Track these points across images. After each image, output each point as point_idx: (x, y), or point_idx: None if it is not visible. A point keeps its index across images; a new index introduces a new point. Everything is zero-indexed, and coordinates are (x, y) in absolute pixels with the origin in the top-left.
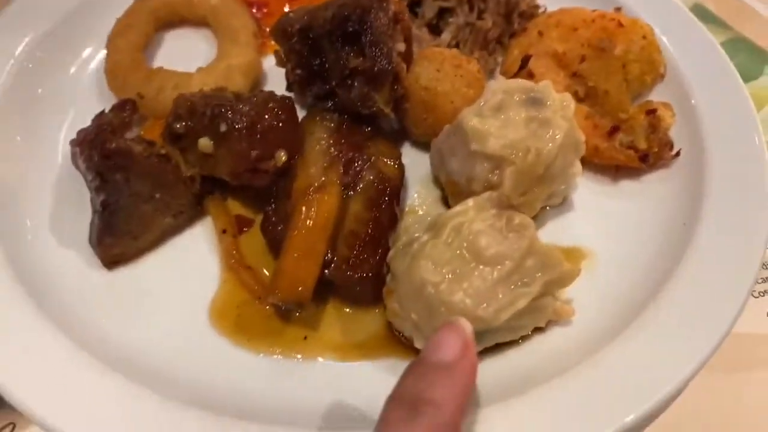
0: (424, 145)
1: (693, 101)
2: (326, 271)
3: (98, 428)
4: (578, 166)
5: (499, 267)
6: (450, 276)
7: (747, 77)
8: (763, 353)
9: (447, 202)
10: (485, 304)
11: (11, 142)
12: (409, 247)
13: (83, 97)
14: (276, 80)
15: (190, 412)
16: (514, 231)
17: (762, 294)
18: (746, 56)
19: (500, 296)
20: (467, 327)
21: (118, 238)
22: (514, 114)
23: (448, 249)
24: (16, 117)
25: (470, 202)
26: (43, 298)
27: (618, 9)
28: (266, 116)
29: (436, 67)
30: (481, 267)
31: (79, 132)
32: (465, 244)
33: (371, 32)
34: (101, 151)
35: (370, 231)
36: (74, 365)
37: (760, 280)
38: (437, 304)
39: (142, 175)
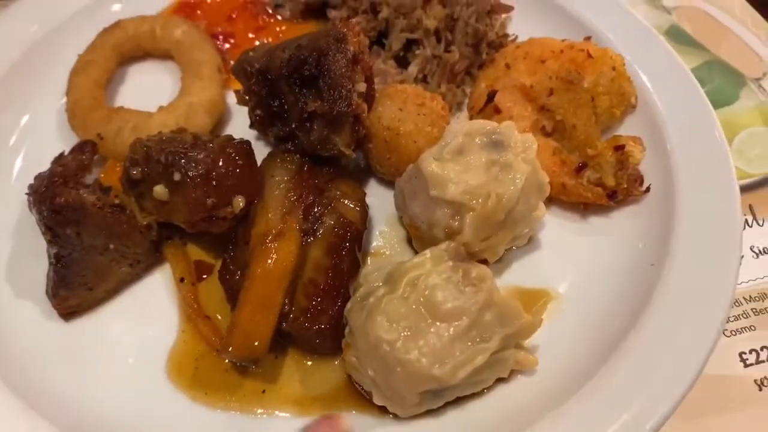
0: (389, 183)
1: (664, 133)
2: (284, 323)
3: None
4: (542, 208)
5: (456, 323)
6: (406, 333)
7: (722, 102)
8: (736, 395)
9: (410, 242)
10: (441, 363)
11: None
12: (365, 301)
13: (43, 134)
14: (241, 116)
15: None
16: (471, 284)
17: (734, 333)
18: (722, 80)
19: (457, 353)
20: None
21: (73, 290)
22: (474, 158)
23: (404, 304)
24: None
25: (428, 253)
26: None
27: (588, 38)
28: (222, 163)
29: (399, 106)
30: (437, 323)
31: (36, 178)
32: (421, 299)
33: (329, 75)
34: (51, 205)
35: (329, 280)
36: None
37: (731, 318)
38: (393, 362)
39: (95, 228)
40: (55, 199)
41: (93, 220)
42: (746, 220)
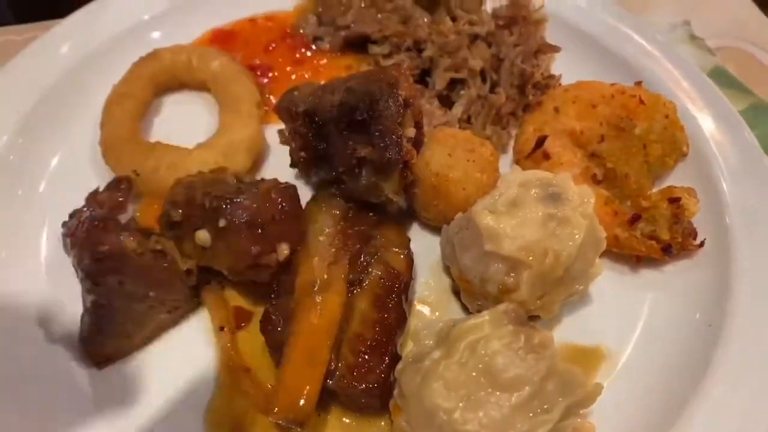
0: (433, 228)
1: (717, 185)
2: (329, 381)
3: None
4: (599, 265)
5: (517, 393)
6: (464, 402)
7: None
8: None
9: (457, 292)
10: None
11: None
12: (419, 363)
13: (77, 167)
14: (280, 154)
15: None
16: (533, 352)
17: None
18: None
19: (518, 425)
20: None
21: (110, 338)
22: (530, 211)
23: (462, 370)
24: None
25: (486, 315)
26: (25, 403)
27: (639, 83)
28: (269, 209)
29: (448, 152)
30: (497, 393)
31: (71, 215)
32: (480, 366)
33: (380, 122)
34: (92, 254)
35: (376, 335)
36: None
37: None
38: None
39: (136, 276)
40: (98, 246)
41: (134, 268)
42: None
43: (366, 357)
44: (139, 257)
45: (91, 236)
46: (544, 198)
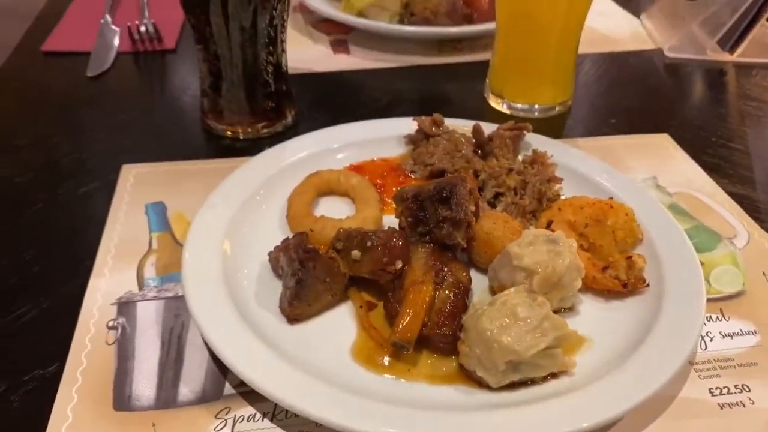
0: (482, 270)
1: (660, 257)
2: (423, 329)
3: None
4: (579, 281)
5: (528, 321)
6: (499, 326)
7: (705, 250)
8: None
9: None
10: (518, 343)
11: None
12: (475, 313)
13: (269, 231)
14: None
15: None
16: (537, 305)
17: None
18: (705, 236)
19: (528, 339)
20: None
21: (301, 302)
22: (540, 246)
23: (499, 312)
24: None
25: (512, 289)
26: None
27: (610, 198)
28: (392, 239)
29: (493, 221)
30: (518, 323)
31: (275, 248)
32: (508, 311)
33: (456, 197)
34: (304, 248)
35: (452, 309)
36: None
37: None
38: (491, 342)
39: (322, 266)
40: (306, 245)
41: (323, 261)
42: (718, 317)
43: (444, 318)
44: (324, 256)
45: (301, 242)
46: (547, 241)
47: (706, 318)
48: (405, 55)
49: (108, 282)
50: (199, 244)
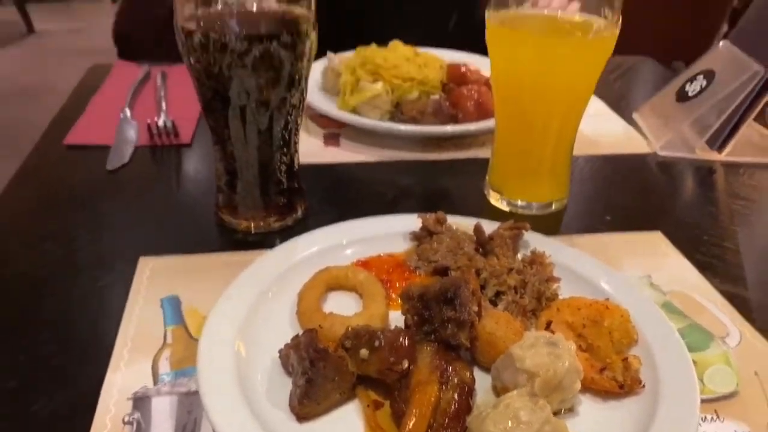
0: (485, 368)
1: (655, 358)
2: (429, 430)
3: None
4: (578, 383)
5: (530, 425)
6: (503, 430)
7: (697, 349)
8: None
9: None
10: None
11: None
12: (479, 415)
13: (280, 326)
14: (397, 323)
15: None
16: (539, 408)
17: None
18: (698, 335)
19: None
20: None
21: (310, 401)
22: (540, 349)
23: (502, 416)
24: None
25: (514, 393)
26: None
27: (606, 299)
28: (399, 339)
29: (495, 321)
30: (520, 425)
31: (285, 346)
32: (511, 414)
33: (459, 299)
34: (314, 348)
35: (456, 411)
36: None
37: None
38: None
39: (331, 366)
40: (317, 345)
41: (332, 360)
42: (713, 417)
43: (448, 421)
44: (333, 355)
45: (312, 341)
46: (547, 344)
47: (702, 418)
48: (393, 150)
49: (124, 376)
50: (213, 343)
